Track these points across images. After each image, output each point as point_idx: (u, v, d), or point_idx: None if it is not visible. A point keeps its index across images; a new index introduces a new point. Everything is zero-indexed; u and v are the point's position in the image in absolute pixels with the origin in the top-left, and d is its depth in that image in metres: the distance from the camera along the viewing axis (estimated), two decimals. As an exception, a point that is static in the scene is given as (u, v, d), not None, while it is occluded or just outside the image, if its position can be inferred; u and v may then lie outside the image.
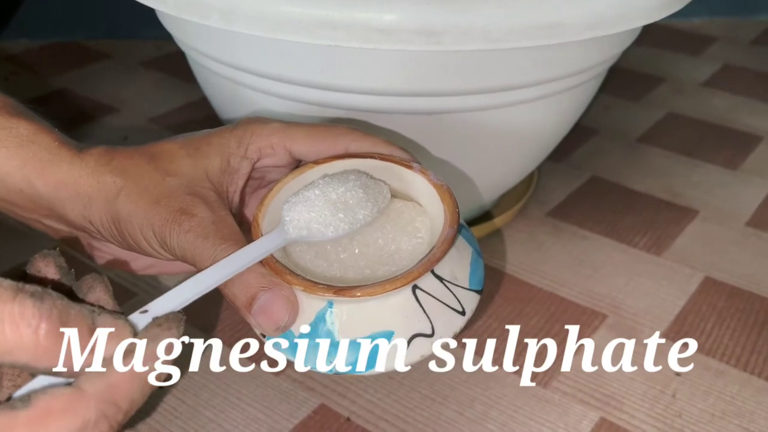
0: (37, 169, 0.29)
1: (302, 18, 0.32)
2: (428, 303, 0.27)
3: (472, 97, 0.37)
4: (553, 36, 0.33)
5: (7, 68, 0.74)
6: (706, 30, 0.86)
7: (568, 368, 0.40)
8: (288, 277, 0.26)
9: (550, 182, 0.57)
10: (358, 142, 0.30)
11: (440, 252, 0.27)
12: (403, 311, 0.27)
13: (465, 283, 0.28)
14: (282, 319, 0.26)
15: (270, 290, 0.26)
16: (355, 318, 0.27)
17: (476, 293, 0.29)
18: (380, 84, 0.36)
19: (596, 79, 0.44)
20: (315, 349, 0.27)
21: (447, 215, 0.28)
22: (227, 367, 0.40)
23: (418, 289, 0.27)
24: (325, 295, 0.26)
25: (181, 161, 0.30)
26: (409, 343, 0.27)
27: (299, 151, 0.31)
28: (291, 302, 0.26)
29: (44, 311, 0.19)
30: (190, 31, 0.40)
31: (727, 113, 0.68)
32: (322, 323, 0.27)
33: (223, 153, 0.30)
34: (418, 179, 0.30)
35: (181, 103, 0.68)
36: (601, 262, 0.49)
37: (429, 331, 0.27)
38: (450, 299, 0.27)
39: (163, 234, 0.27)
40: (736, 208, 0.55)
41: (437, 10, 0.32)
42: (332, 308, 0.26)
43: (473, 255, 0.29)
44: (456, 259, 0.28)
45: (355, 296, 0.26)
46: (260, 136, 0.30)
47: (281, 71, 0.37)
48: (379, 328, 0.26)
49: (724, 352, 0.42)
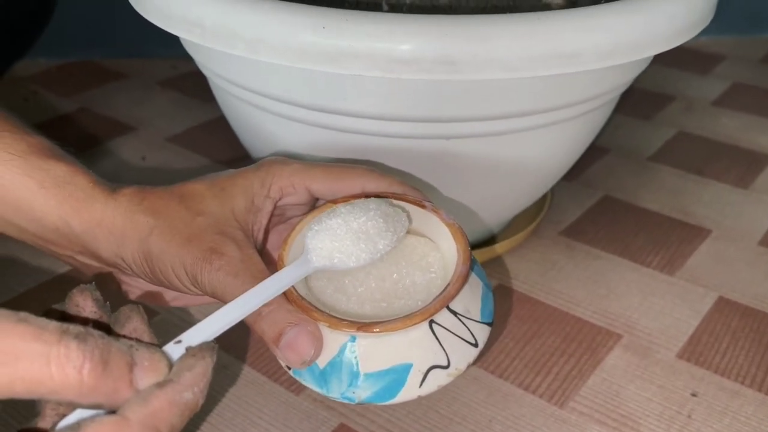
0: (73, 209, 0.31)
1: (326, 48, 0.33)
2: (444, 336, 0.28)
3: (489, 123, 0.38)
4: (569, 65, 0.34)
5: (26, 88, 0.76)
6: (715, 48, 0.86)
7: (585, 388, 0.41)
8: (313, 314, 0.28)
9: (563, 201, 0.58)
10: (374, 182, 0.32)
11: (455, 289, 0.28)
12: (420, 345, 0.28)
13: (477, 317, 0.30)
14: (308, 354, 0.28)
15: (296, 326, 0.27)
16: (376, 351, 0.28)
17: (487, 325, 0.30)
18: (401, 110, 0.37)
19: (610, 104, 0.45)
20: (338, 381, 0.28)
21: (460, 253, 0.30)
22: (249, 387, 0.40)
23: (435, 324, 0.28)
24: (348, 331, 0.27)
25: (210, 202, 0.31)
26: (426, 374, 0.28)
27: (318, 190, 0.32)
28: (316, 337, 0.28)
29: (87, 352, 0.20)
30: (214, 58, 0.41)
31: (736, 132, 0.69)
32: (345, 356, 0.28)
33: (248, 193, 0.32)
34: (431, 217, 0.31)
35: (197, 122, 0.69)
36: (615, 282, 0.49)
37: (445, 363, 0.28)
38: (464, 332, 0.29)
39: (195, 272, 0.29)
40: (748, 227, 0.55)
41: (457, 41, 0.33)
42: (354, 342, 0.28)
43: (483, 289, 0.31)
44: (468, 294, 0.30)
45: (376, 332, 0.27)
46: (282, 177, 0.32)
47: (304, 98, 0.38)
48: (398, 360, 0.28)
49: (739, 372, 0.42)
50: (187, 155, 0.64)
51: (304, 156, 0.41)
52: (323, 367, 0.28)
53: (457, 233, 0.30)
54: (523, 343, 0.44)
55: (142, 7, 0.40)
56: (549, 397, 0.40)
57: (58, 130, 0.68)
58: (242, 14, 0.35)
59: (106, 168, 0.62)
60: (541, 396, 0.40)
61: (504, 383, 0.41)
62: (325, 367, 0.28)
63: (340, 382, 0.28)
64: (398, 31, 0.33)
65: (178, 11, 0.37)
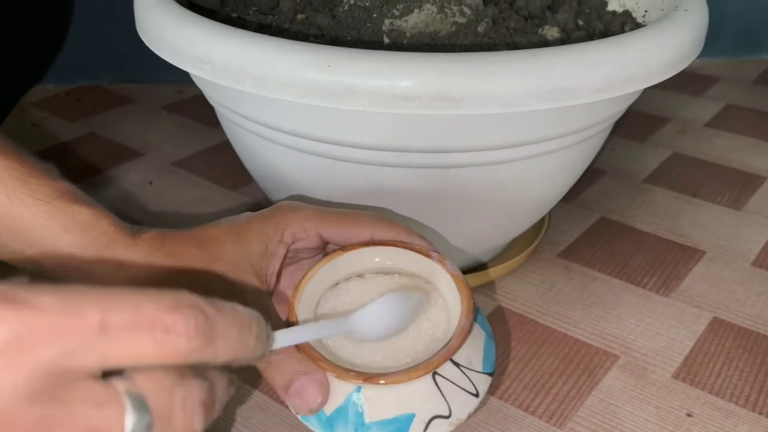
0: (95, 252, 0.32)
1: (331, 86, 0.34)
2: (446, 387, 0.30)
3: (488, 153, 0.40)
4: (563, 100, 0.35)
5: (34, 114, 0.77)
6: (709, 70, 0.88)
7: (583, 408, 0.42)
8: (322, 364, 0.29)
9: (561, 223, 0.59)
10: (383, 230, 0.34)
11: (458, 342, 0.30)
12: (423, 396, 0.29)
13: (479, 367, 0.31)
14: (315, 402, 0.29)
15: (305, 375, 0.29)
16: (381, 401, 0.29)
17: (488, 375, 0.32)
18: (402, 142, 0.38)
19: (606, 130, 0.46)
20: (344, 427, 0.29)
21: (463, 306, 0.31)
22: (257, 410, 0.41)
23: (438, 375, 0.30)
24: (355, 382, 0.29)
25: (226, 247, 0.33)
26: (428, 424, 0.29)
27: (329, 235, 0.34)
28: (323, 386, 0.29)
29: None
30: (222, 91, 0.42)
31: (730, 153, 0.70)
32: (351, 405, 0.29)
33: (262, 239, 0.33)
34: (437, 267, 0.33)
35: (203, 147, 0.71)
36: (612, 303, 0.51)
37: (446, 413, 0.30)
38: (465, 383, 0.30)
39: None
40: (741, 248, 0.57)
41: (455, 78, 0.34)
42: (360, 392, 0.29)
43: (486, 339, 0.32)
44: (471, 346, 0.31)
45: (382, 383, 0.28)
46: (295, 223, 0.34)
47: (309, 130, 0.39)
48: (402, 410, 0.29)
49: (733, 392, 0.43)
50: (194, 180, 0.66)
51: (315, 200, 0.43)
52: (330, 413, 0.30)
53: (461, 285, 0.32)
54: (522, 364, 0.45)
55: (152, 43, 0.41)
56: (548, 417, 0.41)
57: (66, 155, 0.70)
58: (251, 52, 0.36)
59: (114, 193, 0.64)
60: (540, 417, 0.41)
61: (504, 404, 0.42)
62: (331, 413, 0.30)
63: (346, 429, 0.29)
64: (400, 69, 0.34)
65: (187, 48, 0.39)
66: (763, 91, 0.83)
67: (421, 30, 0.43)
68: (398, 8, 0.43)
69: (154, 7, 0.41)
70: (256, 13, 0.48)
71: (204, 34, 0.38)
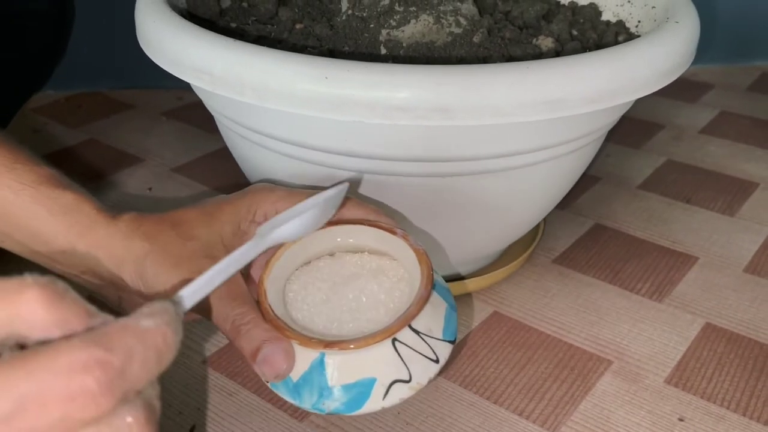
0: (78, 234, 0.34)
1: (329, 97, 0.35)
2: (405, 353, 0.31)
3: (483, 162, 0.41)
4: (556, 111, 0.36)
5: (35, 120, 0.78)
6: (703, 77, 0.89)
7: (577, 413, 0.42)
8: (287, 333, 0.31)
9: (556, 230, 0.60)
10: (352, 210, 0.36)
11: (415, 309, 0.31)
12: (384, 360, 0.31)
13: (439, 335, 0.33)
14: (281, 368, 0.31)
15: (271, 343, 0.31)
16: (343, 367, 0.31)
17: (449, 343, 0.33)
18: (399, 151, 0.39)
19: (600, 138, 0.47)
20: (310, 393, 0.31)
21: (423, 276, 0.33)
22: (253, 414, 0.42)
23: (397, 342, 0.31)
24: (317, 348, 0.31)
25: (199, 228, 0.35)
26: (389, 388, 0.31)
27: None
28: (288, 354, 0.31)
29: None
30: (221, 101, 0.43)
31: (723, 160, 0.71)
32: (316, 371, 0.31)
33: (234, 218, 0.35)
34: (401, 243, 0.35)
35: (202, 153, 0.72)
36: (606, 309, 0.51)
37: (407, 378, 0.31)
38: (425, 349, 0.32)
39: None
40: (734, 254, 0.57)
41: (450, 89, 0.35)
42: (324, 358, 0.31)
43: (447, 309, 0.34)
44: (431, 315, 0.33)
45: (343, 348, 0.30)
46: (266, 203, 0.35)
47: (308, 140, 0.40)
48: (363, 375, 0.31)
49: (725, 397, 0.44)
50: (193, 186, 0.66)
51: (288, 182, 0.44)
52: (296, 380, 0.31)
53: (422, 258, 0.33)
54: (517, 369, 0.46)
55: (153, 54, 0.42)
56: (542, 422, 0.42)
57: (67, 161, 0.70)
58: (250, 63, 0.37)
59: (114, 199, 0.64)
60: (535, 421, 0.42)
61: (499, 409, 0.43)
62: (297, 380, 0.31)
63: (311, 395, 0.31)
64: (396, 82, 0.35)
65: (188, 59, 0.39)
66: (757, 98, 0.84)
67: (417, 40, 0.44)
68: (395, 19, 0.44)
69: (155, 18, 0.42)
70: (255, 23, 0.49)
71: (203, 45, 0.39)
